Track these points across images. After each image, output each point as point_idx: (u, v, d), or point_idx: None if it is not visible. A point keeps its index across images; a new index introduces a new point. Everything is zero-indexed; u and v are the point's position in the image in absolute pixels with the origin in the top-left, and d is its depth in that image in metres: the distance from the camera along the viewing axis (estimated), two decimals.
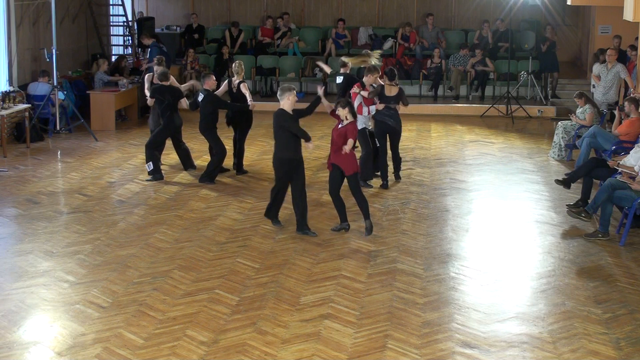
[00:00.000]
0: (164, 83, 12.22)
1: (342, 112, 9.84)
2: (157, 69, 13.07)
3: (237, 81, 12.51)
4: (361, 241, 9.67)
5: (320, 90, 10.72)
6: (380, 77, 12.18)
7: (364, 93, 11.76)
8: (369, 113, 11.80)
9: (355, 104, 11.36)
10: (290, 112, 9.79)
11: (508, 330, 7.36)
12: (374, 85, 11.94)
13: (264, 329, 7.30)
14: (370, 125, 12.07)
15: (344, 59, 13.17)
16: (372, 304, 7.85)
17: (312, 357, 6.80)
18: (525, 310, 7.79)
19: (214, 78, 12.50)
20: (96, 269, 8.73)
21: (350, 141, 9.66)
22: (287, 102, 9.74)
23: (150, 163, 12.22)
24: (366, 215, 9.89)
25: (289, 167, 9.83)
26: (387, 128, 11.95)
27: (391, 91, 11.94)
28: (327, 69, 14.39)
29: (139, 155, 13.77)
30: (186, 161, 12.90)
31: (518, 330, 7.37)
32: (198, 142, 14.78)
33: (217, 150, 12.33)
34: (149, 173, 12.28)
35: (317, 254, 9.20)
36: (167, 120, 12.22)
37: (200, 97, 12.20)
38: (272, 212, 10.27)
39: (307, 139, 9.79)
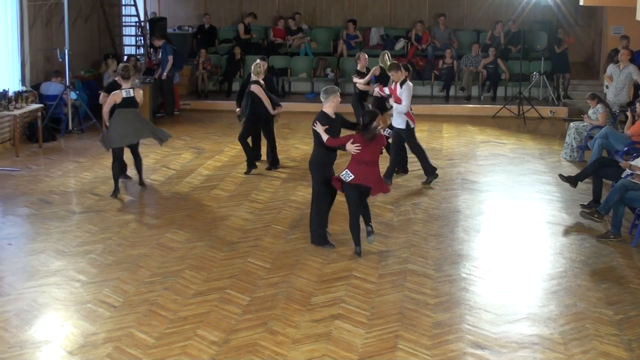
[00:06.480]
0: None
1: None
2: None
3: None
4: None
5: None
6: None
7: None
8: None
9: None
10: (332, 116, 9.22)
11: (519, 331, 7.34)
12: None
13: (275, 329, 7.30)
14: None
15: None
16: (383, 305, 7.85)
17: (323, 358, 6.80)
18: (537, 311, 7.77)
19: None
20: (107, 269, 8.76)
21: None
22: (331, 104, 9.19)
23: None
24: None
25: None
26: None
27: None
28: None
29: (150, 155, 13.80)
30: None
31: (529, 331, 7.34)
32: (209, 142, 14.82)
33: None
34: None
35: (328, 255, 9.20)
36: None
37: None
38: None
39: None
